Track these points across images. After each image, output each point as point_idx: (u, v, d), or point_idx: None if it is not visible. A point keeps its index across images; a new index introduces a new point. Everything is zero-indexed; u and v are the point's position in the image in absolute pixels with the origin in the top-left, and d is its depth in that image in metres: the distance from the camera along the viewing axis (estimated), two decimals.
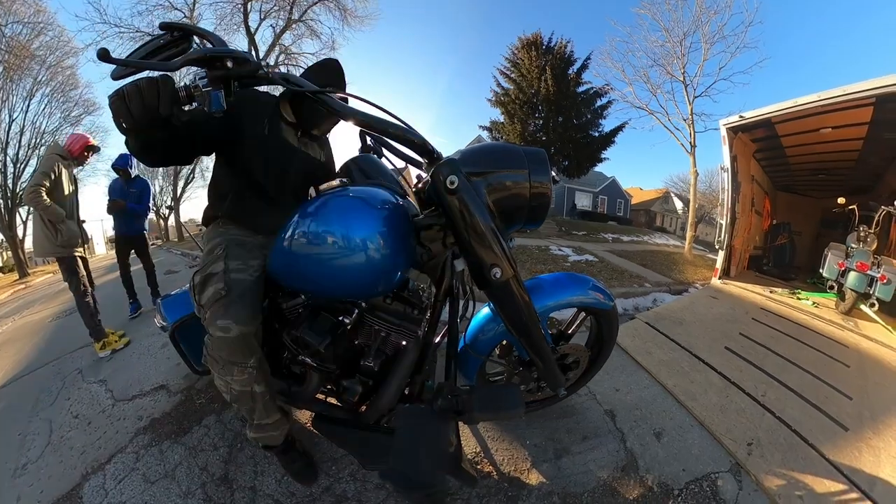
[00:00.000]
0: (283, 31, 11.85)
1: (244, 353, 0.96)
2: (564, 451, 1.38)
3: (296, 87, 0.72)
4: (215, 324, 0.94)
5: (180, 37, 0.76)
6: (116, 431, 1.59)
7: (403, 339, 1.02)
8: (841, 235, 4.05)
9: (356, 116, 0.70)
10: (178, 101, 0.72)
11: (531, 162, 0.78)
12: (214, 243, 1.06)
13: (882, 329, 2.95)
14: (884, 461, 1.36)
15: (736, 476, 1.27)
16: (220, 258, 0.99)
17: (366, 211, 0.85)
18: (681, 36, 7.59)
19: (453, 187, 0.70)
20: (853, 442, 1.46)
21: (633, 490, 1.21)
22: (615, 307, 1.31)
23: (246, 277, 0.98)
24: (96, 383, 2.05)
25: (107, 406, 1.80)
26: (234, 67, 0.70)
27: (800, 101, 3.36)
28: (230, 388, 1.01)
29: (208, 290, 0.96)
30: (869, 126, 3.58)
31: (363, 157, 1.22)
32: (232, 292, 0.94)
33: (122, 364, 2.26)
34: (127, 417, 1.68)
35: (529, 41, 12.13)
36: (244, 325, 0.94)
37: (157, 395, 1.83)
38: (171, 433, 1.54)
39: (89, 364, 2.32)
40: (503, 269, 0.74)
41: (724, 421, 1.54)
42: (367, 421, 1.08)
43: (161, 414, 1.67)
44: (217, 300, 0.94)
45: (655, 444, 1.42)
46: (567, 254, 5.74)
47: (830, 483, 1.25)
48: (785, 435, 1.48)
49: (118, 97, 0.71)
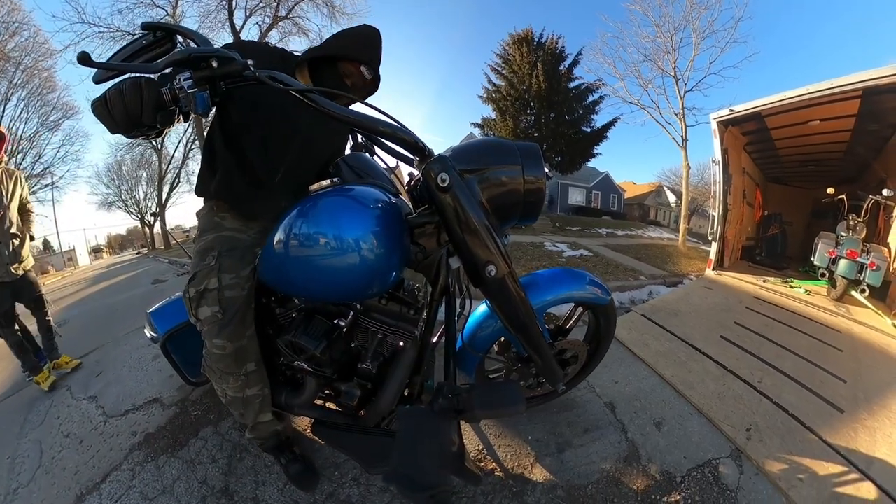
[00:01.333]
0: (269, 28, 11.70)
1: (238, 364, 1.01)
2: (567, 444, 1.39)
3: (284, 86, 0.71)
4: (212, 342, 0.98)
5: (163, 37, 0.74)
6: (110, 449, 1.56)
7: (401, 340, 1.02)
8: (831, 225, 4.16)
9: (346, 115, 0.70)
10: (163, 104, 0.70)
11: (525, 157, 0.78)
12: (206, 244, 1.03)
13: (873, 314, 3.04)
14: (879, 441, 1.40)
15: (736, 461, 1.30)
16: (214, 271, 0.97)
17: (358, 210, 0.84)
18: (671, 31, 7.74)
19: (445, 185, 0.69)
20: (849, 423, 1.50)
21: (636, 480, 1.23)
22: (612, 301, 1.32)
23: (239, 294, 0.98)
24: (86, 400, 2.01)
25: (99, 423, 1.76)
26: (219, 67, 0.69)
27: (788, 95, 3.45)
28: (225, 393, 1.07)
29: (204, 308, 0.97)
30: (856, 118, 3.70)
31: (354, 156, 1.21)
32: (226, 314, 0.96)
33: (112, 378, 2.22)
34: (120, 434, 1.65)
35: (521, 37, 12.21)
36: (238, 342, 0.98)
37: (151, 409, 1.80)
38: (167, 447, 1.51)
39: (78, 380, 2.27)
40: (498, 267, 0.74)
41: (722, 408, 1.57)
42: (368, 424, 1.08)
43: (156, 428, 1.64)
44: (214, 322, 0.96)
45: (656, 433, 1.44)
46: (562, 249, 5.80)
47: (828, 464, 1.29)
48: (782, 419, 1.52)
49: (101, 102, 0.69)
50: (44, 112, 12.99)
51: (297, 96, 0.70)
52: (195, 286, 0.97)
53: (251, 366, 1.02)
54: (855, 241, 3.47)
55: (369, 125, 0.70)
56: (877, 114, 3.43)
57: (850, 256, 3.31)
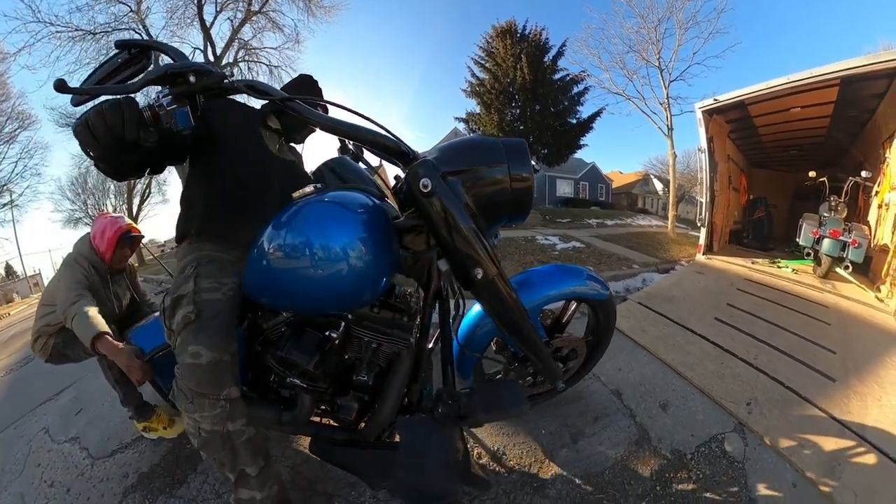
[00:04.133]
0: (241, 24, 11.30)
1: (215, 383, 0.86)
2: (580, 434, 1.44)
3: (262, 95, 0.71)
4: (186, 350, 0.86)
5: (138, 53, 0.74)
6: (102, 495, 1.44)
7: (396, 348, 1.00)
8: (814, 206, 4.39)
9: (325, 122, 0.70)
10: (144, 123, 0.70)
11: (510, 154, 0.78)
12: (185, 262, 1.00)
13: (857, 288, 3.25)
14: (870, 405, 1.51)
15: (741, 434, 1.38)
16: (190, 278, 0.93)
17: (344, 217, 0.83)
18: (655, 22, 7.95)
19: (427, 190, 0.68)
20: (841, 391, 1.62)
21: (648, 460, 1.29)
22: (611, 296, 1.34)
23: (218, 297, 0.91)
24: (68, 442, 1.84)
25: (85, 467, 1.62)
26: (197, 81, 0.69)
27: (771, 84, 3.62)
28: (199, 428, 0.88)
29: (178, 314, 0.89)
30: (835, 104, 3.92)
31: (337, 160, 1.20)
32: (203, 315, 0.88)
33: (94, 416, 2.02)
34: (111, 477, 1.52)
35: (504, 29, 12.21)
36: (216, 352, 0.86)
37: (141, 446, 1.66)
38: (164, 487, 1.41)
39: (56, 421, 2.06)
40: (486, 269, 0.74)
41: (722, 386, 1.66)
42: (368, 438, 1.04)
43: (149, 467, 1.53)
44: (186, 325, 0.87)
45: (663, 415, 1.51)
46: (554, 242, 5.90)
47: (826, 430, 1.38)
48: (779, 392, 1.61)
49: (82, 126, 0.68)
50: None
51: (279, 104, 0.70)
52: (171, 295, 0.93)
53: (233, 391, 0.88)
54: (837, 221, 3.68)
55: (352, 132, 0.70)
56: (854, 101, 3.65)
57: (832, 235, 3.52)
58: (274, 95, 0.71)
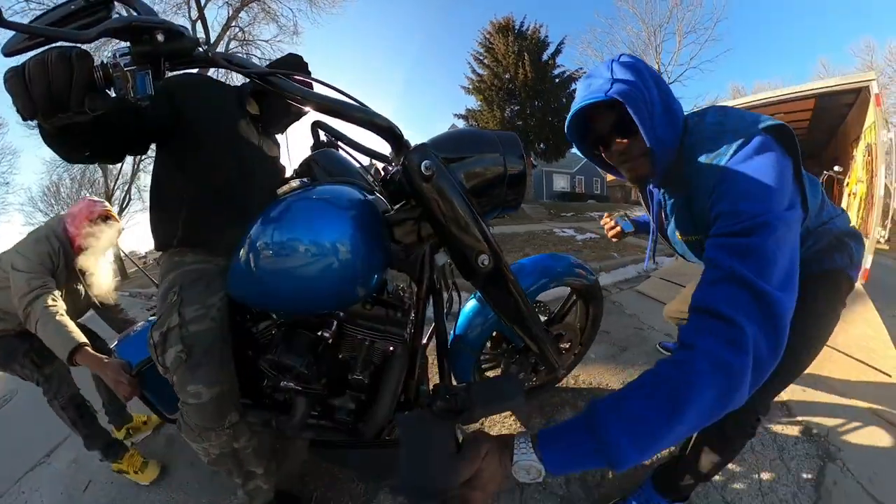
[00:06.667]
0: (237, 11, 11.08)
1: (219, 415, 0.91)
2: None
3: (240, 69, 0.65)
4: (185, 390, 0.88)
5: (97, 2, 0.62)
6: None
7: (390, 345, 1.01)
8: None
9: (315, 100, 0.63)
10: (92, 84, 0.56)
11: (504, 145, 0.78)
12: (168, 282, 0.96)
13: None
14: None
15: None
16: (175, 308, 0.90)
17: (332, 212, 0.82)
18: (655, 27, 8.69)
19: (429, 174, 0.65)
20: None
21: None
22: (597, 281, 1.40)
23: (207, 326, 0.91)
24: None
25: None
26: (165, 43, 0.57)
27: (759, 97, 4.31)
28: (209, 452, 0.95)
29: (169, 352, 0.89)
30: (812, 112, 4.77)
31: (323, 153, 1.17)
32: (194, 352, 0.88)
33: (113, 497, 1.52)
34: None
35: (502, 25, 12.43)
36: (216, 386, 0.89)
37: None
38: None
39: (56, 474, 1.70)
40: (490, 256, 0.72)
41: None
42: (367, 437, 1.04)
43: None
44: (180, 365, 0.88)
45: None
46: (572, 234, 6.52)
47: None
48: None
49: (16, 75, 0.54)
50: None
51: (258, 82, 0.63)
52: (158, 328, 0.90)
53: (234, 416, 0.93)
54: None
55: (342, 110, 0.64)
56: (828, 109, 4.49)
57: None
58: (253, 70, 0.65)
